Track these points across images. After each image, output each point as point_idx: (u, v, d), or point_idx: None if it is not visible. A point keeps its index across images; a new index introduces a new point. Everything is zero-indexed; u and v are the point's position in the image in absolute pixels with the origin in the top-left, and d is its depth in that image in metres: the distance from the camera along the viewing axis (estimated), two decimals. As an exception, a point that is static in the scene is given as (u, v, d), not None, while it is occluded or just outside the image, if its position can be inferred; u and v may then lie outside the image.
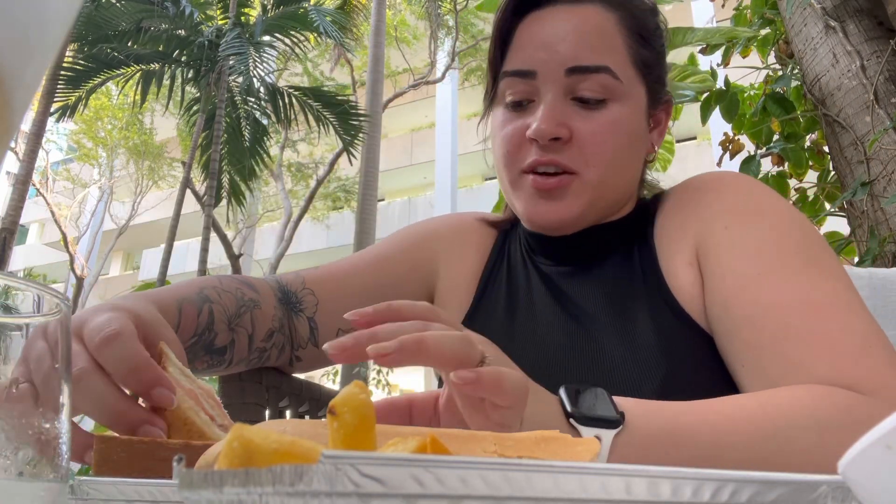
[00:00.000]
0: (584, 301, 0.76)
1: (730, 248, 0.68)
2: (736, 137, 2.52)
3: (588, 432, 0.46)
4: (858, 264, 1.97)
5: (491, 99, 0.80)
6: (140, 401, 0.47)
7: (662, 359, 0.67)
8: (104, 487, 0.28)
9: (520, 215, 0.78)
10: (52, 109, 6.88)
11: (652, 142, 0.81)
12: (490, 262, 0.86)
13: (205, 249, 6.52)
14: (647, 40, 0.76)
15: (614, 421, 0.47)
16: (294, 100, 7.58)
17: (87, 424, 0.65)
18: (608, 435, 0.46)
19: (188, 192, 7.03)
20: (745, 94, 2.61)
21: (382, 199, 16.19)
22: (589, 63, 0.72)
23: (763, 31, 2.70)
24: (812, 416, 0.51)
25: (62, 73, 6.84)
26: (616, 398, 0.49)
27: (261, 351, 0.75)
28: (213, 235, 7.19)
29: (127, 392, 0.48)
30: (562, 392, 0.49)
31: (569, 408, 0.47)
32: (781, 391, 0.55)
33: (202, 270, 6.41)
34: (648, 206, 0.82)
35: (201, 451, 0.39)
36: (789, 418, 0.51)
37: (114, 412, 0.45)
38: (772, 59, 2.71)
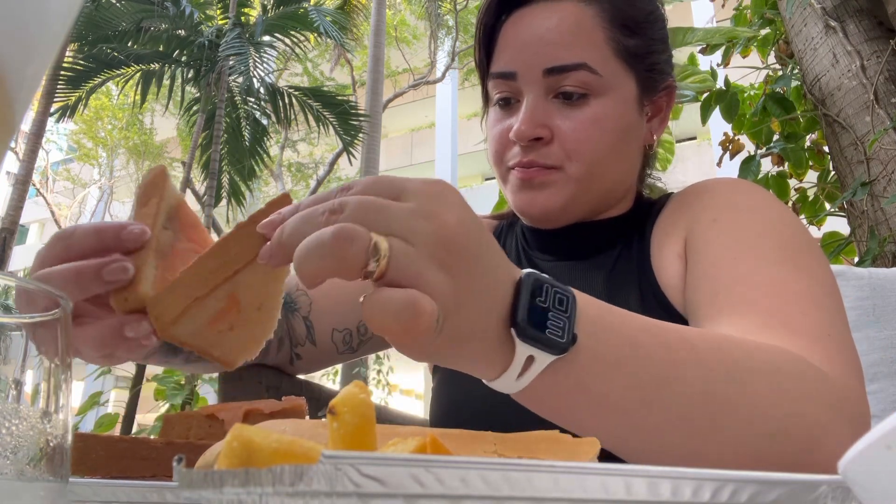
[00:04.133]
0: None
1: (713, 238, 0.68)
2: (736, 137, 2.53)
3: (523, 349, 0.40)
4: (858, 264, 1.97)
5: (485, 99, 0.82)
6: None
7: None
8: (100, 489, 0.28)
9: (511, 206, 0.79)
10: (52, 109, 6.88)
11: (651, 131, 0.80)
12: None
13: (205, 249, 6.50)
14: (634, 29, 0.75)
15: (560, 346, 0.40)
16: (294, 100, 7.58)
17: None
18: (545, 359, 0.40)
19: (188, 192, 7.03)
20: (745, 94, 2.61)
21: (382, 199, 16.14)
22: (565, 62, 0.72)
23: (763, 31, 2.70)
24: (769, 362, 0.48)
25: (62, 73, 6.84)
26: (583, 304, 0.43)
27: None
28: (214, 235, 7.19)
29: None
30: (524, 279, 0.41)
31: (518, 315, 0.39)
32: (741, 337, 0.52)
33: (202, 270, 6.39)
34: (650, 206, 0.82)
35: (180, 449, 0.39)
36: (749, 359, 0.47)
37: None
38: (772, 59, 2.71)
